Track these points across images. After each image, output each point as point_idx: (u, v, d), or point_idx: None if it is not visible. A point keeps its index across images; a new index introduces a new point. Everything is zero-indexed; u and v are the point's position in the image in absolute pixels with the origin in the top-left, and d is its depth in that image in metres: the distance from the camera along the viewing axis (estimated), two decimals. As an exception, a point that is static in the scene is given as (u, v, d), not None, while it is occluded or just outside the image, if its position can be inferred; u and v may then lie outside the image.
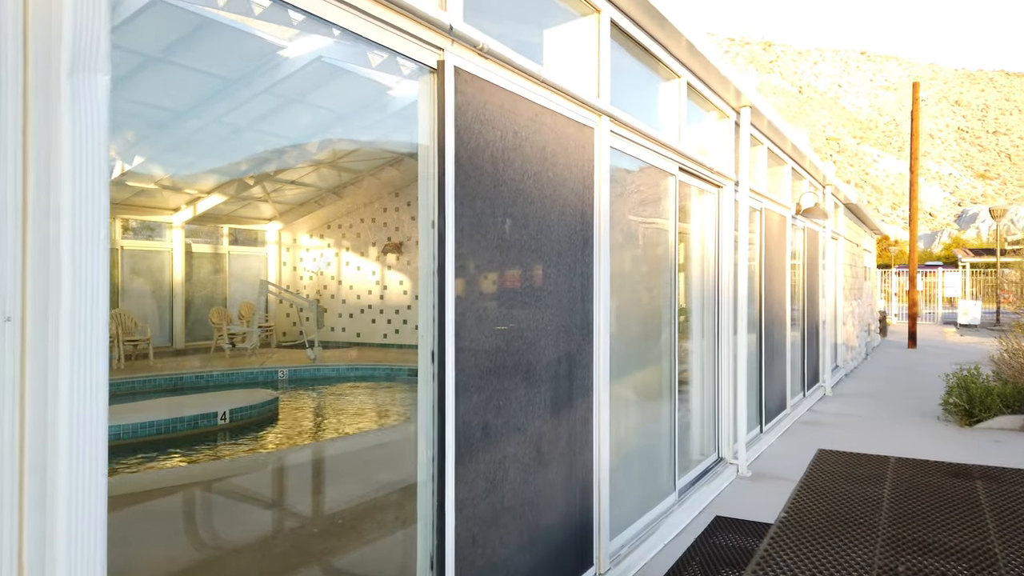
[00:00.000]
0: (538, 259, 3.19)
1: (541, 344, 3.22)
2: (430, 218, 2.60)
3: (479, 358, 2.78)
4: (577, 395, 3.54)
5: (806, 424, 8.42)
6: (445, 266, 2.58)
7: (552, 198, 3.30)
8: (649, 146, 4.41)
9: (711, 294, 6.03)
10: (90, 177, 1.45)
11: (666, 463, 4.93)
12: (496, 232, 2.88)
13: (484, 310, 2.82)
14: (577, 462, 3.54)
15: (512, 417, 3.00)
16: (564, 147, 3.40)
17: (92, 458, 1.47)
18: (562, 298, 3.39)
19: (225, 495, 5.61)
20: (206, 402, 9.64)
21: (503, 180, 2.92)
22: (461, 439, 2.67)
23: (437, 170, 2.58)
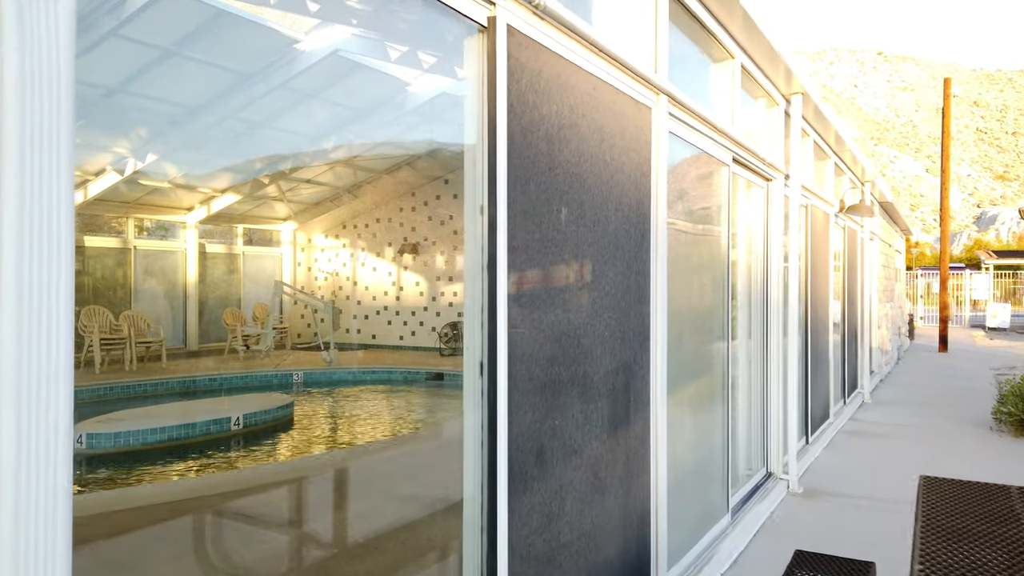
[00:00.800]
0: (595, 255, 2.77)
1: (597, 353, 2.80)
2: (478, 203, 2.19)
3: (533, 370, 2.36)
4: (634, 410, 3.12)
5: (850, 434, 7.94)
6: (497, 260, 2.17)
7: (609, 185, 2.88)
8: (706, 132, 3.98)
9: (759, 295, 5.58)
10: (44, 142, 1.04)
11: (718, 481, 4.49)
12: (551, 222, 2.46)
13: (539, 313, 2.40)
14: (634, 486, 3.12)
15: (568, 438, 2.58)
16: (622, 127, 2.98)
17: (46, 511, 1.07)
18: (619, 300, 2.97)
19: (237, 511, 5.21)
20: (219, 407, 9.29)
21: (558, 162, 2.50)
22: (515, 467, 2.25)
23: (487, 146, 2.17)
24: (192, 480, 7.01)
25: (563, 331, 2.55)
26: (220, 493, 5.72)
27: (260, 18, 10.58)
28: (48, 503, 1.06)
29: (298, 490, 5.84)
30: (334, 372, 13.79)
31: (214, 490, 5.91)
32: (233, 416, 8.62)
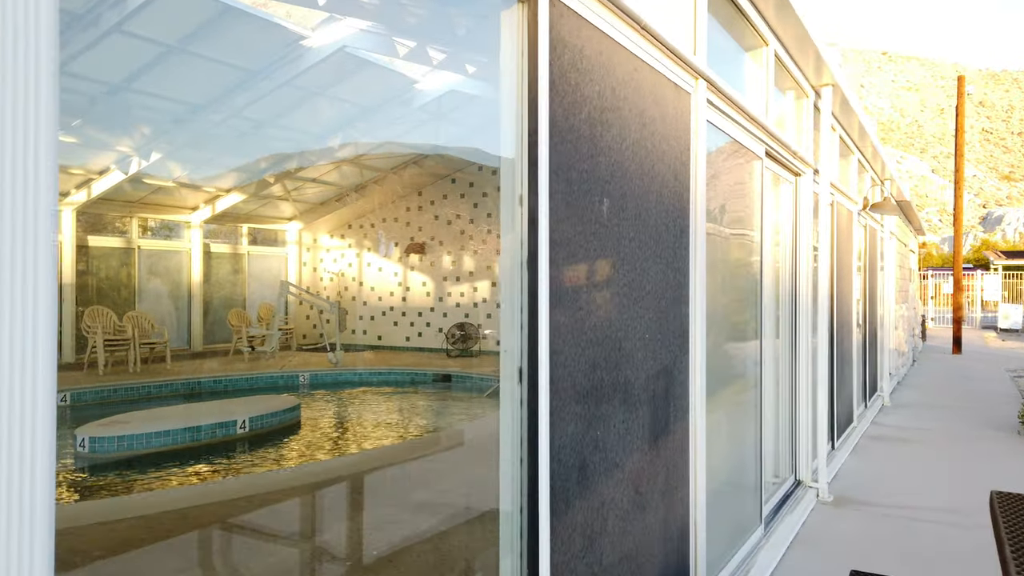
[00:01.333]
0: (636, 251, 2.55)
1: (639, 357, 2.57)
2: (517, 193, 1.97)
3: (576, 376, 2.15)
4: (674, 419, 2.90)
5: (874, 439, 7.70)
6: (538, 256, 1.95)
7: (650, 175, 2.66)
8: (742, 122, 3.76)
9: (787, 294, 5.35)
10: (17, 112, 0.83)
11: (751, 490, 4.26)
12: (593, 214, 2.24)
13: (581, 314, 2.18)
14: (674, 500, 2.90)
15: (610, 451, 2.36)
16: (662, 113, 2.76)
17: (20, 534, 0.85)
18: (660, 299, 2.75)
19: (245, 522, 5.00)
20: (225, 410, 9.08)
21: (600, 148, 2.28)
22: (556, 484, 2.03)
23: (528, 127, 1.95)
24: (197, 487, 6.80)
25: (605, 334, 2.33)
26: (226, 501, 5.51)
27: (266, 13, 10.38)
28: (24, 524, 0.84)
29: (309, 498, 5.62)
30: (340, 373, 13.58)
31: (220, 498, 5.70)
32: (239, 419, 8.42)
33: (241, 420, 8.41)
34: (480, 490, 5.70)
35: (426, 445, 8.21)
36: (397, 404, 11.70)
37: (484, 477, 6.11)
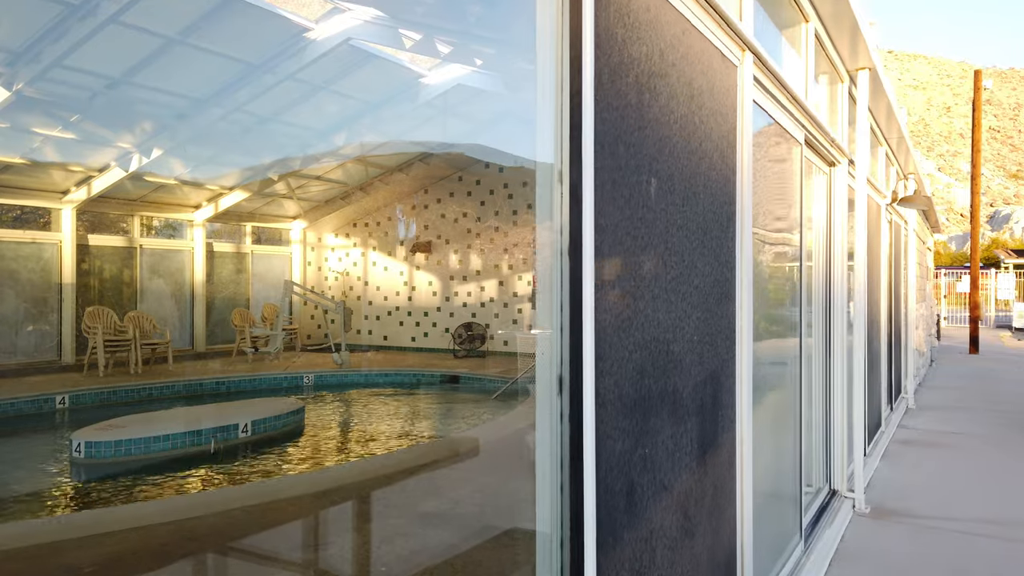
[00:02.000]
0: (684, 240, 2.23)
1: (687, 362, 2.26)
2: (556, 167, 1.65)
3: (622, 385, 1.83)
4: (721, 430, 2.58)
5: (904, 444, 7.36)
6: (582, 243, 1.63)
7: (699, 155, 2.34)
8: (784, 103, 3.44)
9: (821, 291, 5.02)
10: None
11: (791, 503, 3.94)
12: (640, 196, 1.92)
13: (628, 312, 1.86)
14: (721, 522, 2.57)
15: (659, 471, 2.04)
16: (710, 85, 2.44)
17: None
18: (707, 296, 2.43)
19: (247, 535, 4.69)
20: (227, 413, 8.79)
21: (647, 120, 1.96)
22: (603, 514, 1.72)
23: (570, 89, 1.63)
24: (197, 496, 6.50)
25: (652, 335, 2.01)
26: (226, 512, 5.20)
27: (269, 4, 10.08)
28: None
29: (315, 509, 5.31)
30: (346, 375, 13.29)
31: (221, 508, 5.39)
32: (241, 423, 8.12)
33: (243, 424, 8.11)
34: (497, 502, 5.38)
35: (437, 451, 7.89)
36: (405, 407, 11.40)
37: (499, 487, 5.80)
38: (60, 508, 6.26)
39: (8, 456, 8.42)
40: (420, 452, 7.98)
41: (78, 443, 7.25)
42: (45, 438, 9.07)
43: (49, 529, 5.10)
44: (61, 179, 13.13)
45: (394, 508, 5.30)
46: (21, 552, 4.32)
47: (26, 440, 9.18)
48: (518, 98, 13.97)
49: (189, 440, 7.75)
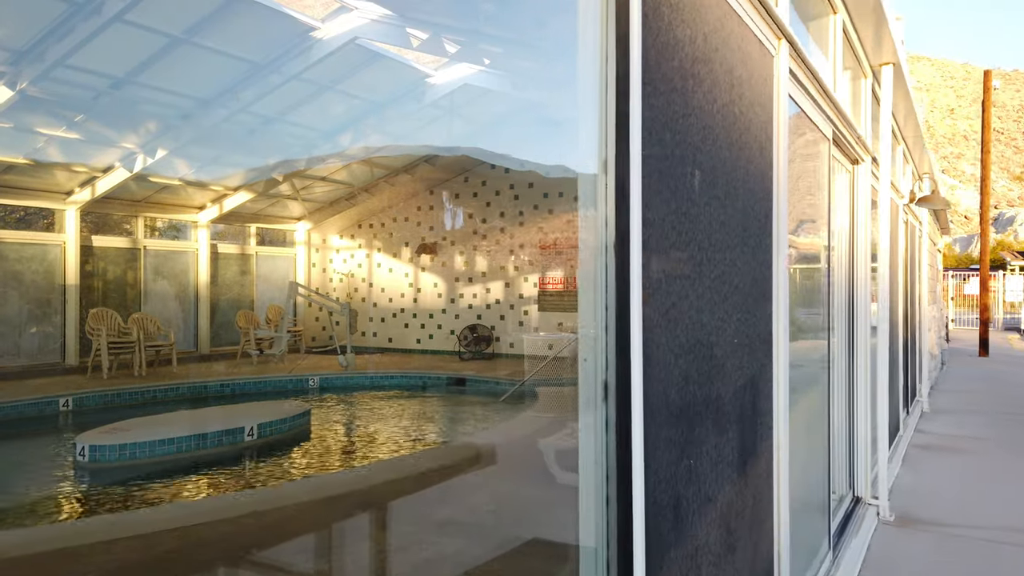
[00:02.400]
0: (726, 237, 2.11)
1: (728, 366, 2.13)
2: (600, 156, 1.53)
3: (669, 392, 1.70)
4: (760, 438, 2.45)
5: (923, 449, 7.22)
6: (629, 238, 1.51)
7: (738, 147, 2.21)
8: (815, 95, 3.31)
9: (843, 292, 4.89)
10: None
11: (819, 511, 3.81)
12: (685, 189, 1.80)
13: (674, 313, 1.74)
14: (761, 535, 2.45)
15: (703, 483, 1.91)
16: (749, 74, 2.31)
17: None
18: (746, 297, 2.30)
19: (255, 544, 4.56)
20: (232, 416, 8.67)
21: (691, 107, 1.84)
22: (652, 530, 1.59)
23: (617, 70, 1.51)
24: (203, 503, 6.38)
25: (697, 338, 1.88)
26: (233, 519, 5.08)
27: (275, 3, 9.98)
28: None
29: (325, 515, 5.18)
30: (351, 377, 13.17)
31: (227, 514, 5.27)
32: (247, 426, 8.00)
33: (249, 427, 8.00)
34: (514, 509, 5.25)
35: (449, 456, 7.77)
36: (413, 410, 11.27)
37: (516, 494, 5.67)
38: (65, 513, 6.14)
39: (11, 459, 8.31)
40: (431, 457, 7.85)
41: (82, 446, 7.14)
42: (49, 441, 8.96)
43: (55, 536, 4.98)
44: (65, 180, 13.04)
45: (407, 515, 5.18)
46: (25, 560, 4.20)
47: (30, 443, 9.07)
48: (525, 98, 13.86)
49: (195, 444, 7.63)
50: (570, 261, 15.60)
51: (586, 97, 1.54)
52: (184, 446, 7.55)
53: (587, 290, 1.57)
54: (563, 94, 13.64)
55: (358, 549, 4.59)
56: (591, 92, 1.53)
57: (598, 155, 1.53)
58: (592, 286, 1.56)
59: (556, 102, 13.53)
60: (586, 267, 1.57)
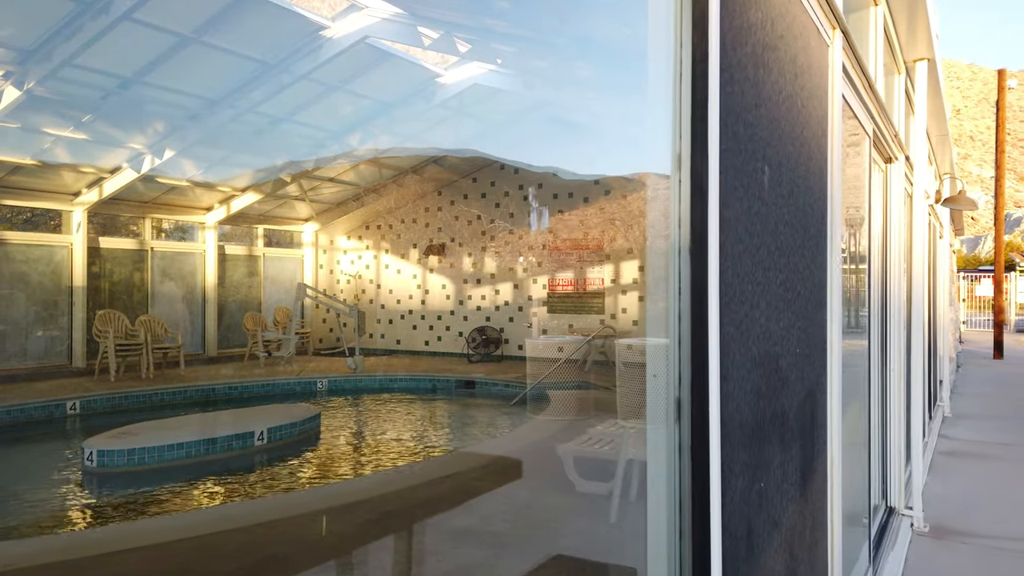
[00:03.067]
0: (790, 239, 1.96)
1: (792, 378, 1.98)
2: (674, 150, 1.38)
3: (742, 410, 1.55)
4: (817, 453, 2.29)
5: (949, 455, 7.05)
6: (707, 240, 1.36)
7: (800, 142, 2.06)
8: (861, 91, 3.15)
9: (877, 294, 4.72)
10: None
11: (859, 523, 3.65)
12: (756, 186, 1.65)
13: (747, 322, 1.59)
14: (816, 558, 2.29)
15: (771, 508, 1.76)
16: (808, 64, 2.16)
17: None
18: (806, 303, 2.15)
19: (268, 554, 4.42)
20: (242, 420, 8.53)
21: (761, 97, 1.68)
22: (728, 565, 1.43)
23: (693, 53, 1.35)
24: (214, 510, 6.24)
25: (765, 349, 1.73)
26: (246, 527, 4.93)
27: (285, 1, 9.85)
28: None
29: (339, 524, 5.03)
30: (360, 379, 13.04)
31: (240, 523, 5.13)
32: (257, 430, 7.86)
33: (259, 431, 7.86)
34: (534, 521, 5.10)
35: (462, 462, 7.62)
36: (422, 413, 11.12)
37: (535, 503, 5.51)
38: (73, 521, 6.01)
39: (18, 465, 8.19)
40: (444, 463, 7.71)
41: (90, 451, 7.01)
42: (56, 445, 8.84)
43: (63, 546, 4.85)
44: (72, 180, 12.93)
45: (420, 525, 5.03)
46: (27, 573, 4.06)
47: (37, 447, 8.96)
48: (535, 97, 13.72)
49: (205, 448, 7.50)
50: (580, 263, 15.44)
51: (657, 85, 1.39)
52: (194, 451, 7.42)
53: (656, 298, 1.42)
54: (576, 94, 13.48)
55: (371, 560, 4.45)
56: (662, 79, 1.37)
57: (671, 149, 1.38)
58: (663, 293, 1.41)
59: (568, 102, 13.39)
60: (655, 273, 1.42)
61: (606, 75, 11.74)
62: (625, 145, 13.68)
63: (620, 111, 12.41)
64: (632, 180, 14.31)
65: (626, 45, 8.77)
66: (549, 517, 5.19)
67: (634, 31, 4.29)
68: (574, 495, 5.52)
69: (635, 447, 5.12)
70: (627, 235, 15.00)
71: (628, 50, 8.73)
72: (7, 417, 9.32)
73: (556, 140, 15.95)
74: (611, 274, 15.06)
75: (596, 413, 9.55)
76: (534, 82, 12.61)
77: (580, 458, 5.72)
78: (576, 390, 10.84)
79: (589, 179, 15.43)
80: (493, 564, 4.35)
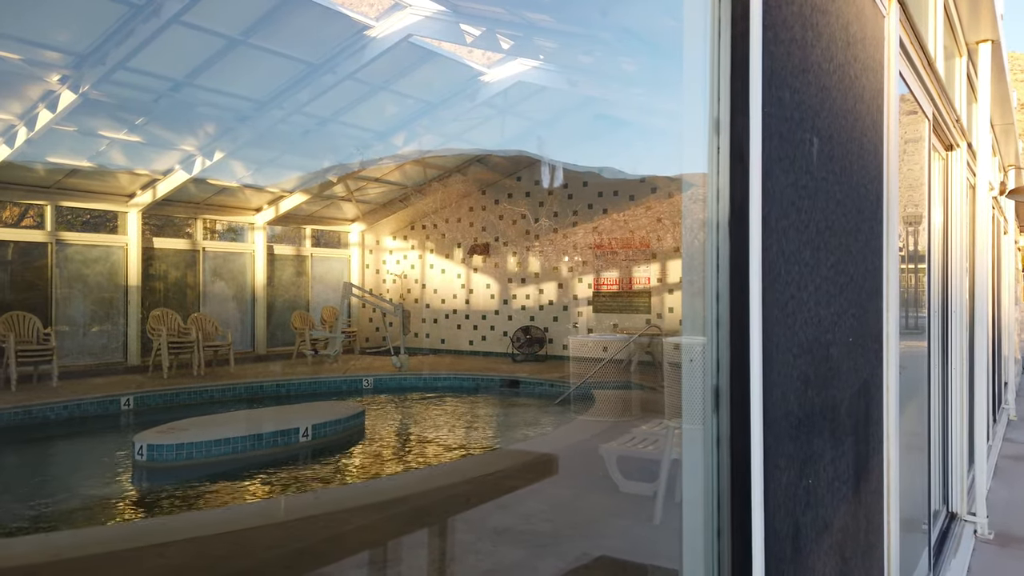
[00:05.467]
0: (841, 218, 1.82)
1: (844, 369, 1.84)
2: (712, 113, 1.27)
3: (788, 399, 1.42)
4: (872, 452, 2.14)
5: (1015, 460, 6.69)
6: (748, 213, 1.24)
7: (853, 116, 1.92)
8: (920, 70, 2.97)
9: (938, 291, 4.49)
10: None
11: (918, 530, 3.45)
12: (803, 158, 1.52)
13: (793, 305, 1.46)
14: (871, 562, 2.14)
15: (820, 506, 1.63)
16: (862, 34, 2.01)
17: None
18: (859, 290, 2.00)
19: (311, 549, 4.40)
20: (287, 417, 8.61)
21: (809, 63, 1.55)
22: (770, 565, 1.32)
23: (732, 8, 1.24)
24: (256, 505, 6.29)
25: (813, 335, 1.60)
26: (286, 522, 4.94)
27: (329, 2, 9.93)
28: None
29: (380, 521, 5.00)
30: (405, 378, 13.08)
31: (282, 518, 5.14)
32: (302, 427, 7.92)
33: (304, 428, 7.91)
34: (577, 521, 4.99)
35: (506, 461, 7.54)
36: (466, 411, 11.10)
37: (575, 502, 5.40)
38: (122, 513, 6.12)
39: (73, 458, 8.41)
40: (486, 461, 7.65)
41: (140, 446, 7.15)
42: (109, 440, 9.07)
43: (109, 538, 4.93)
44: (127, 183, 13.29)
45: (462, 522, 4.96)
46: (77, 563, 4.13)
47: (90, 441, 9.20)
48: (580, 94, 13.58)
49: (250, 444, 7.58)
50: (625, 261, 15.24)
51: (693, 42, 1.28)
52: (240, 446, 7.51)
53: (692, 277, 1.31)
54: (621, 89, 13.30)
55: (410, 557, 4.40)
56: (699, 35, 1.27)
57: (708, 111, 1.27)
58: (698, 271, 1.30)
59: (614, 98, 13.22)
60: (690, 248, 1.31)
61: (652, 69, 11.54)
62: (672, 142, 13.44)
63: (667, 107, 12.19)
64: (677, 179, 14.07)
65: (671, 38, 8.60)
66: (591, 517, 5.08)
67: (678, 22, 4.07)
68: (617, 495, 5.39)
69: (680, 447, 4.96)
70: (674, 233, 14.73)
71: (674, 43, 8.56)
72: (64, 412, 9.58)
73: (601, 137, 15.77)
74: (657, 273, 14.82)
75: (641, 414, 9.38)
76: (578, 78, 12.48)
77: (623, 458, 5.59)
78: (621, 390, 10.68)
79: (635, 177, 15.22)
80: (534, 564, 4.26)
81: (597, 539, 4.52)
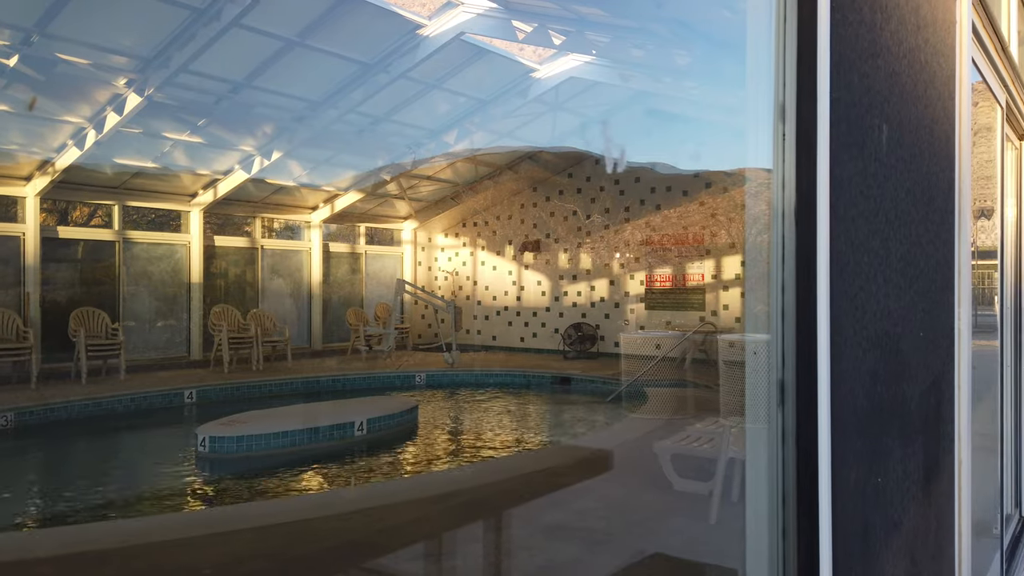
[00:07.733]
0: (911, 208, 1.75)
1: (914, 364, 1.77)
2: (777, 99, 1.23)
3: (856, 394, 1.38)
4: (943, 451, 2.06)
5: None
6: (815, 201, 1.20)
7: (924, 103, 1.84)
8: (993, 55, 2.84)
9: (1011, 290, 4.30)
10: None
11: (989, 533, 3.31)
12: (872, 145, 1.47)
13: (862, 296, 1.41)
14: (942, 565, 2.06)
15: (889, 505, 1.57)
16: (933, 17, 1.94)
17: None
18: (931, 283, 1.93)
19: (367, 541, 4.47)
20: (342, 411, 8.77)
21: (879, 47, 1.50)
22: (839, 565, 1.28)
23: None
24: (314, 497, 6.42)
25: (883, 328, 1.54)
26: (344, 514, 5.03)
27: (383, 1, 10.05)
28: None
29: (435, 514, 5.05)
30: (457, 374, 13.18)
31: (339, 509, 5.24)
32: (357, 421, 8.05)
33: (359, 422, 8.04)
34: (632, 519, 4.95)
35: (559, 457, 7.53)
36: (518, 407, 11.12)
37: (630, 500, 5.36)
38: (185, 502, 6.32)
39: (141, 448, 8.72)
40: (538, 457, 7.65)
41: (203, 437, 7.37)
42: (173, 431, 9.37)
43: (173, 525, 5.09)
44: (190, 183, 13.71)
45: (515, 518, 4.97)
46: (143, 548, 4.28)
47: (156, 433, 9.52)
48: (632, 89, 13.46)
49: (307, 437, 7.74)
50: (678, 258, 15.04)
51: (757, 25, 1.24)
52: (297, 439, 7.67)
53: (756, 267, 1.28)
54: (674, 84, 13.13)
55: (462, 551, 4.42)
56: (763, 17, 1.23)
57: (773, 97, 1.23)
58: (763, 261, 1.26)
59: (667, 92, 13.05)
60: (754, 238, 1.28)
61: (706, 62, 11.36)
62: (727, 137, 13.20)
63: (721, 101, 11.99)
64: (733, 174, 13.81)
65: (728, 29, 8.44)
66: (645, 515, 5.03)
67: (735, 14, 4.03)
68: (671, 494, 5.33)
69: (737, 445, 4.88)
70: (729, 230, 14.48)
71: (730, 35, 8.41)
72: (132, 404, 9.95)
73: (653, 133, 15.60)
74: (712, 270, 14.59)
75: (696, 412, 9.25)
76: (630, 73, 12.35)
77: (678, 456, 5.51)
78: (675, 388, 10.55)
79: (688, 173, 15.01)
80: (588, 560, 4.24)
81: (652, 537, 4.48)
